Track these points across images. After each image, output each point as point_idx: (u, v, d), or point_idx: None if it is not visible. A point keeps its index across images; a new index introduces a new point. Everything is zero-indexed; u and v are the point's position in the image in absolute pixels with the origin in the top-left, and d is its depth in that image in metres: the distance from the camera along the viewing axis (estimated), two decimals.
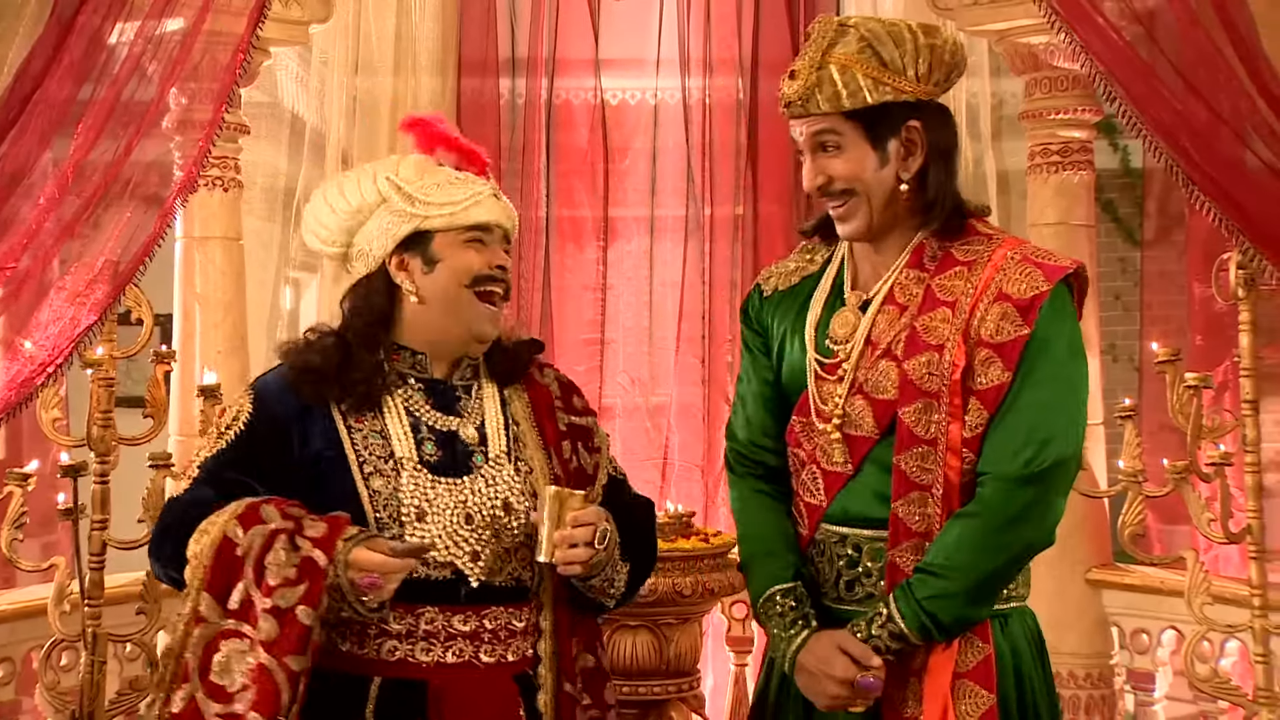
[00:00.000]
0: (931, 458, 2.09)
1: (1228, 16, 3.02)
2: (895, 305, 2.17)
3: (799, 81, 2.15)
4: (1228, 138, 3.05)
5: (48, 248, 2.98)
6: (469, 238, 2.17)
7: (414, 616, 2.08)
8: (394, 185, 2.18)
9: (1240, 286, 3.25)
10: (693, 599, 3.43)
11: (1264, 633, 3.25)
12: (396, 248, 2.17)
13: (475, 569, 2.11)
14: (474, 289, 2.16)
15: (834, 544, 2.17)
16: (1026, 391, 2.07)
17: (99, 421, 3.19)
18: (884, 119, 2.14)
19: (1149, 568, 3.79)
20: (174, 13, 3.14)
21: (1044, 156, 4.18)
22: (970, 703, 2.08)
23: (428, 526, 2.10)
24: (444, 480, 2.13)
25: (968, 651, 2.10)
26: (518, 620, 2.15)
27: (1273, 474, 3.83)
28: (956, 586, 2.05)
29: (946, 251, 2.18)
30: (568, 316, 4.61)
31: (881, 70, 2.12)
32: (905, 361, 2.12)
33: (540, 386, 2.29)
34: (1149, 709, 4.02)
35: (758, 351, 2.31)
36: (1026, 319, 2.09)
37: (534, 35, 4.60)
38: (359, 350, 2.15)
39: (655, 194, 4.66)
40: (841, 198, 2.18)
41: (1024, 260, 2.14)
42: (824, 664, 2.08)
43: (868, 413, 2.14)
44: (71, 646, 3.24)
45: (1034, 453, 2.06)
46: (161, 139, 3.53)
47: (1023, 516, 2.07)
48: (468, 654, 2.10)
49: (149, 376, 3.32)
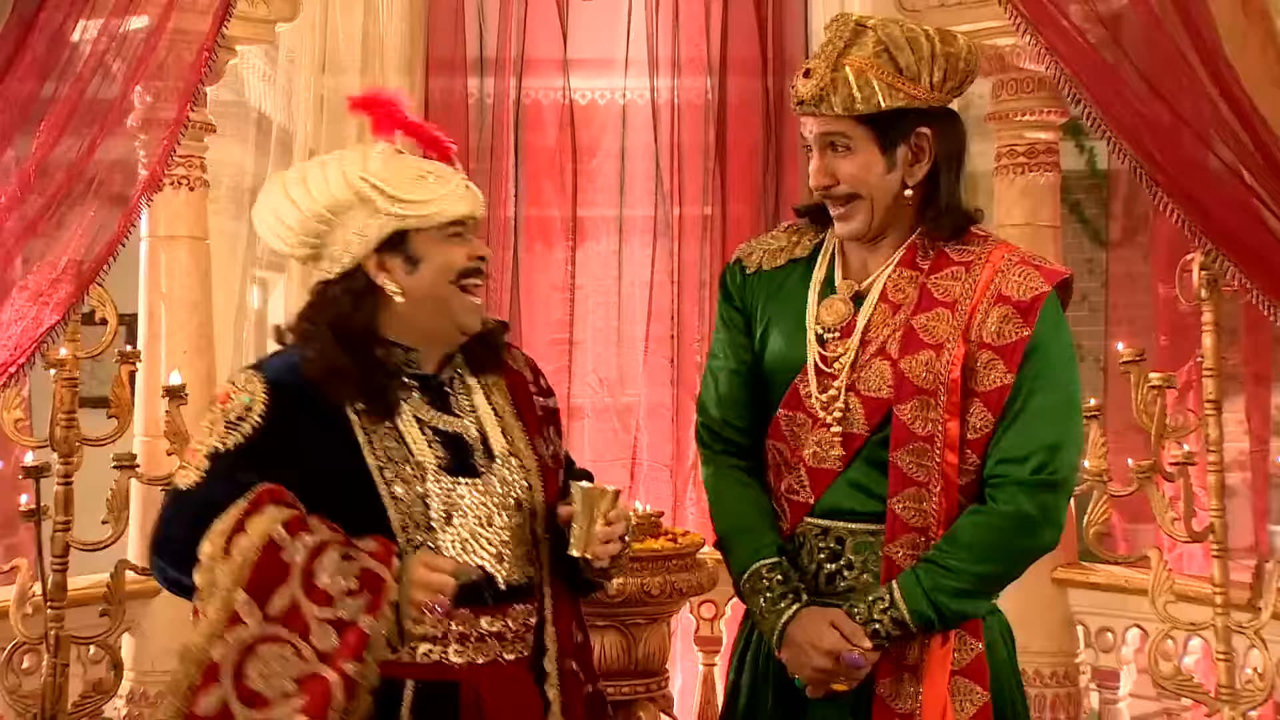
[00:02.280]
0: (928, 454, 2.11)
1: (1191, 20, 3.05)
2: (888, 303, 2.18)
3: (814, 80, 2.14)
4: (1190, 140, 3.08)
5: (10, 246, 2.96)
6: (450, 233, 2.12)
7: (447, 619, 2.07)
8: (370, 184, 2.08)
9: (1203, 287, 3.28)
10: (661, 599, 3.43)
11: (1226, 631, 3.28)
12: (378, 248, 2.09)
13: (502, 569, 2.11)
14: (458, 283, 2.13)
15: (815, 537, 2.19)
16: (1034, 397, 2.10)
17: (62, 422, 3.17)
18: (895, 124, 2.15)
19: (1114, 566, 3.82)
20: (138, 10, 3.12)
21: (1010, 158, 4.21)
22: (966, 699, 2.12)
23: (456, 529, 2.08)
24: (465, 482, 2.11)
25: (961, 649, 2.14)
26: (532, 617, 2.16)
27: (1235, 473, 3.86)
28: (964, 583, 2.09)
29: (940, 251, 2.19)
30: (536, 317, 4.60)
31: (897, 76, 2.12)
32: (901, 360, 2.13)
33: (515, 372, 2.27)
34: (1113, 707, 4.05)
35: (735, 329, 2.29)
36: (1027, 320, 2.12)
37: (502, 35, 4.59)
38: (368, 350, 2.09)
39: (624, 194, 4.65)
40: (844, 200, 2.18)
41: (1021, 263, 2.18)
42: (814, 636, 2.09)
43: (860, 410, 2.16)
44: (34, 649, 3.21)
45: (1045, 459, 2.09)
46: (126, 137, 3.50)
47: (1038, 521, 2.11)
48: (494, 653, 2.10)
49: (113, 377, 3.30)
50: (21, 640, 3.17)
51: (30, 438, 3.20)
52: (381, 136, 2.19)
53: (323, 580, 1.92)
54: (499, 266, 4.55)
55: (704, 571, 3.54)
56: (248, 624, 1.89)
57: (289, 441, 2.04)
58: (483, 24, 4.60)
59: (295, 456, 2.04)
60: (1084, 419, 3.33)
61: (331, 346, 2.08)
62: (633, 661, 3.47)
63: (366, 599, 1.92)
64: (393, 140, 2.20)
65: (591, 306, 4.63)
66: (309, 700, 1.88)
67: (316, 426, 2.06)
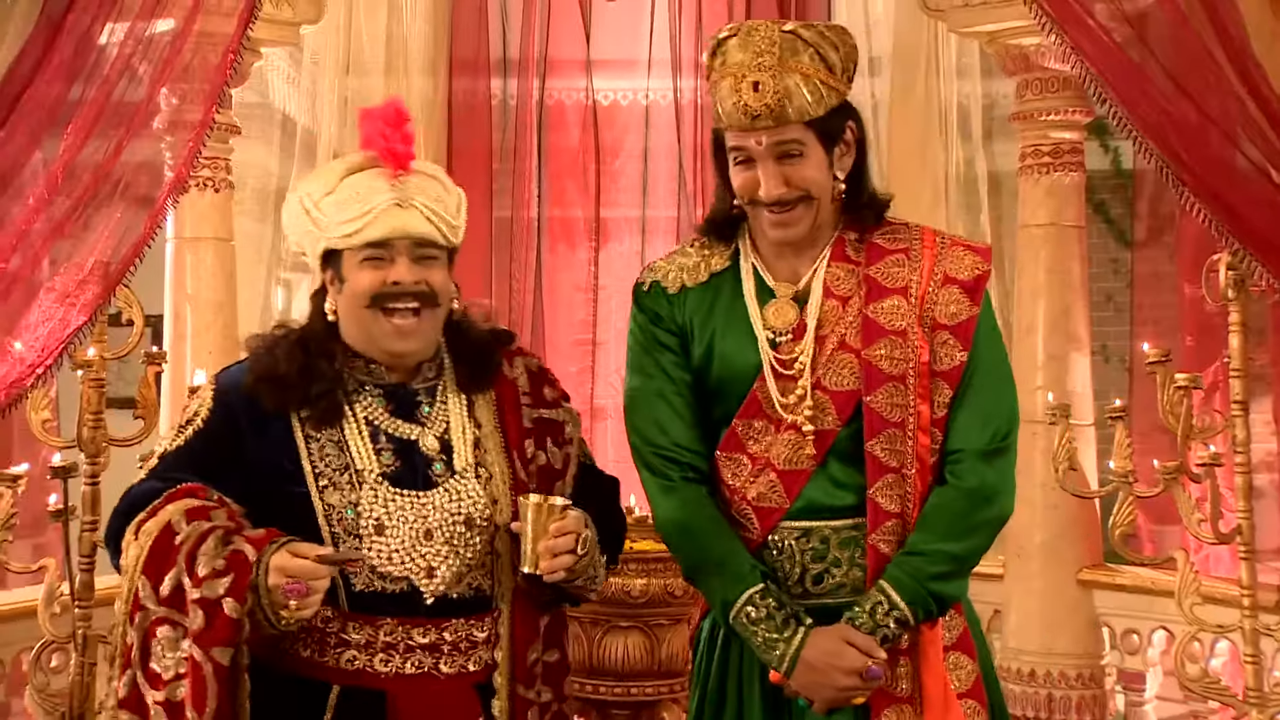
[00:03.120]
0: (900, 439, 2.14)
1: (1218, 18, 3.03)
2: (834, 298, 2.20)
3: (765, 94, 2.13)
4: (1217, 139, 3.06)
5: (37, 248, 2.97)
6: (364, 256, 2.11)
7: (373, 627, 2.07)
8: (304, 207, 2.16)
9: (1230, 287, 3.25)
10: (684, 600, 3.43)
11: (1254, 633, 3.25)
12: (321, 264, 2.17)
13: (430, 584, 2.10)
14: (374, 308, 2.11)
15: (796, 540, 2.17)
16: (981, 370, 2.18)
17: (89, 423, 3.18)
18: (833, 123, 2.18)
19: (1140, 568, 3.81)
20: (164, 13, 3.13)
21: (1035, 158, 4.19)
22: (961, 672, 2.17)
23: (386, 540, 2.08)
24: (406, 494, 2.11)
25: (949, 626, 2.18)
26: (479, 631, 2.13)
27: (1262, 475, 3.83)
28: (947, 566, 2.12)
29: (870, 242, 2.23)
30: (559, 317, 4.61)
31: (829, 75, 2.16)
32: (865, 350, 2.16)
33: (508, 382, 2.24)
34: (1139, 709, 4.03)
35: (669, 351, 2.25)
36: (974, 299, 2.20)
37: (525, 35, 4.60)
38: (318, 359, 2.13)
39: (647, 194, 4.66)
40: (797, 204, 2.18)
41: (954, 244, 2.26)
42: (833, 657, 2.08)
43: (829, 406, 2.17)
44: (62, 648, 3.23)
45: (998, 427, 2.17)
46: (152, 139, 3.51)
47: (997, 488, 2.17)
48: (427, 665, 2.09)
49: (140, 377, 3.31)
50: (49, 639, 3.18)
51: (58, 438, 3.22)
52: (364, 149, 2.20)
53: (199, 562, 1.96)
54: (522, 267, 4.57)
55: None
56: (146, 606, 1.97)
57: (230, 445, 2.11)
58: (506, 25, 4.62)
59: (235, 459, 2.11)
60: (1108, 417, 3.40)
61: (283, 355, 2.14)
62: (656, 662, 3.47)
63: (230, 581, 1.94)
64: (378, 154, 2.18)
65: (614, 307, 4.64)
66: (191, 685, 1.92)
67: (258, 431, 2.12)
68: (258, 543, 1.97)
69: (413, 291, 2.12)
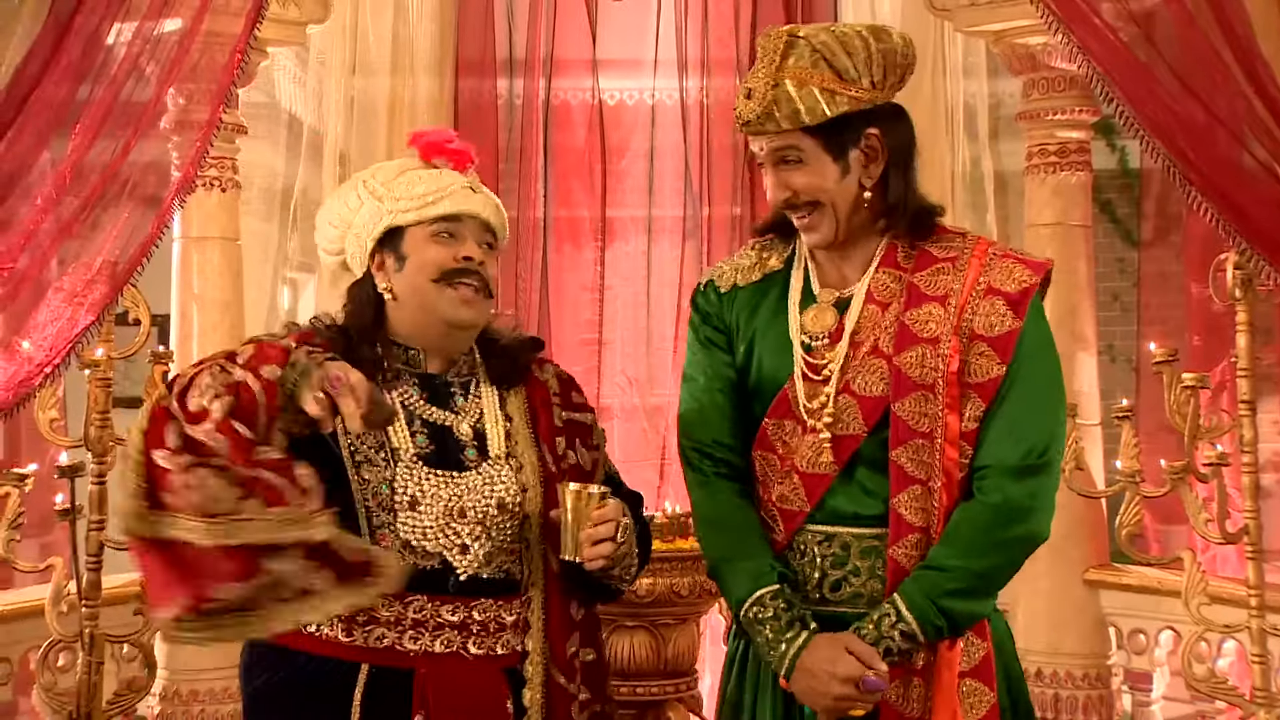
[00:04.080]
0: (928, 451, 2.09)
1: (1225, 17, 3.03)
2: (875, 303, 2.18)
3: (756, 101, 2.13)
4: (1225, 138, 3.06)
5: (45, 248, 2.98)
6: (436, 230, 2.16)
7: (402, 605, 2.09)
8: (369, 189, 2.20)
9: (1237, 287, 3.25)
10: (690, 599, 3.43)
11: (1261, 633, 3.25)
12: (375, 248, 2.19)
13: (463, 561, 2.12)
14: (441, 282, 2.15)
15: (818, 544, 2.16)
16: (1020, 385, 2.10)
17: (96, 422, 3.19)
18: (843, 130, 2.14)
19: (1146, 568, 3.80)
20: (171, 13, 3.14)
21: (1042, 157, 4.18)
22: (975, 700, 2.10)
23: (420, 515, 2.10)
24: (440, 473, 2.14)
25: (969, 650, 2.12)
26: (507, 613, 2.15)
27: (1270, 474, 3.84)
28: (965, 582, 2.06)
29: (922, 250, 2.19)
30: (565, 317, 4.61)
31: (837, 81, 2.12)
32: (896, 356, 2.12)
33: (538, 383, 2.29)
34: (1146, 709, 4.02)
35: (716, 349, 2.27)
36: (1018, 312, 2.12)
37: (531, 35, 4.60)
38: (360, 345, 2.16)
39: (653, 194, 4.66)
40: (806, 209, 2.17)
41: (1006, 256, 2.18)
42: (829, 664, 2.05)
43: (855, 410, 2.13)
44: (69, 647, 3.24)
45: (1033, 445, 2.09)
46: (159, 139, 3.52)
47: (1026, 507, 2.09)
48: (456, 644, 2.11)
49: (146, 377, 3.32)
50: (57, 638, 3.19)
51: (65, 437, 3.23)
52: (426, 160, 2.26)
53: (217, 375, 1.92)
54: (528, 267, 4.56)
55: None
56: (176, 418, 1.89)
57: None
58: (512, 25, 4.62)
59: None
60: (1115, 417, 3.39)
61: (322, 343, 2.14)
62: (662, 661, 3.48)
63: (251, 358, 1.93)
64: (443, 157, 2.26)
65: (620, 307, 4.64)
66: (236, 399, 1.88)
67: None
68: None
69: (479, 271, 2.17)
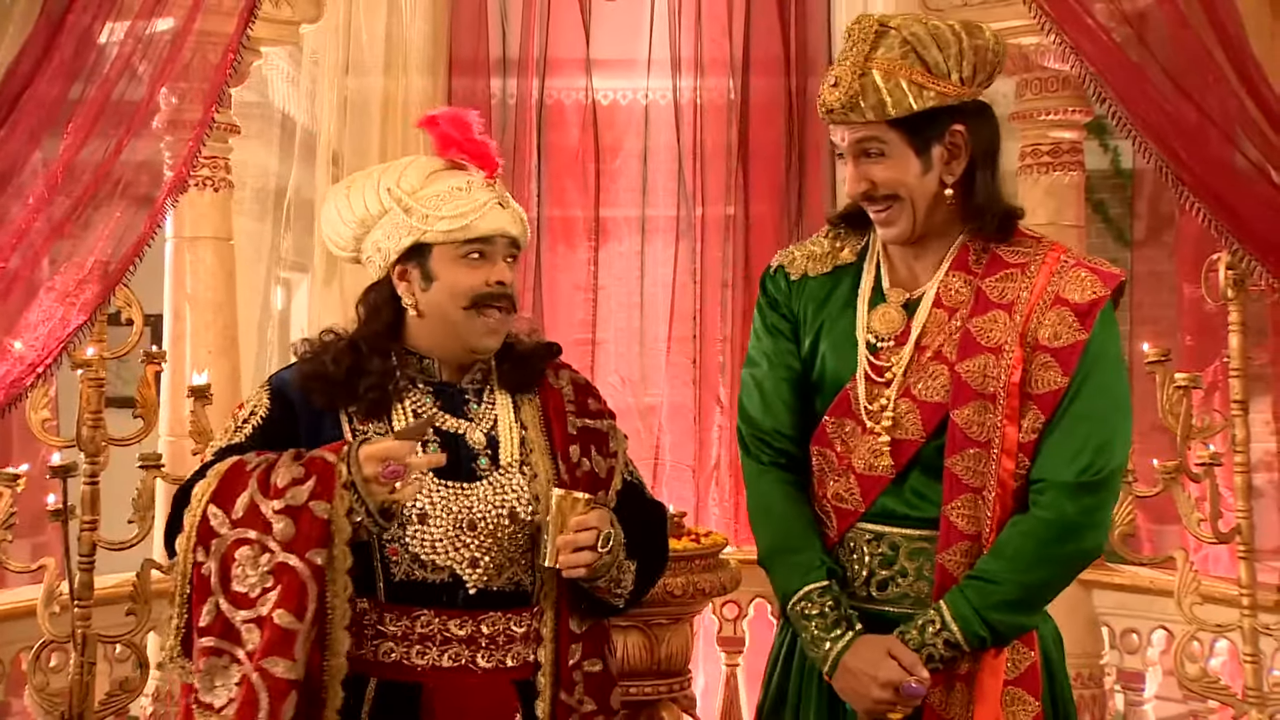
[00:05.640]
0: (984, 460, 2.06)
1: (1217, 18, 3.03)
2: (943, 308, 2.14)
3: (841, 89, 2.08)
4: (1217, 139, 3.06)
5: (37, 247, 2.98)
6: (467, 251, 2.13)
7: (410, 619, 2.08)
8: (394, 196, 2.15)
9: (1229, 287, 3.26)
10: (684, 599, 3.43)
11: (1253, 632, 3.26)
12: (399, 258, 2.16)
13: (473, 575, 2.11)
14: (472, 309, 2.14)
15: (867, 542, 2.14)
16: (1083, 398, 2.06)
17: (89, 422, 3.18)
18: (928, 124, 2.10)
19: (1139, 568, 3.80)
20: (164, 12, 3.13)
21: (1034, 157, 4.19)
22: (1018, 709, 2.08)
23: (429, 529, 2.09)
24: (450, 485, 2.12)
25: (1015, 658, 2.10)
26: (517, 625, 2.14)
27: (1262, 474, 3.84)
28: (1013, 595, 2.04)
29: (993, 254, 2.15)
30: (559, 317, 4.60)
31: (926, 75, 2.08)
32: (959, 364, 2.09)
33: (553, 390, 2.27)
34: (1139, 709, 4.03)
35: (782, 336, 2.24)
36: (1085, 324, 2.08)
37: (525, 35, 4.59)
38: (370, 356, 2.15)
39: (646, 194, 4.65)
40: (885, 203, 2.14)
41: (1078, 265, 2.14)
42: (871, 666, 2.04)
43: (915, 415, 2.11)
44: (61, 648, 3.23)
45: (1090, 460, 2.05)
46: (152, 139, 3.52)
47: (1080, 524, 2.06)
48: (464, 658, 2.10)
49: (139, 377, 3.31)
50: (49, 639, 3.18)
51: (57, 438, 3.22)
52: (442, 155, 2.22)
53: (276, 476, 1.97)
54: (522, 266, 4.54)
55: (727, 572, 3.53)
56: (220, 532, 1.97)
57: (286, 439, 2.12)
58: (506, 24, 4.61)
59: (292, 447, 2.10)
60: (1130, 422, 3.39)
61: (332, 358, 2.15)
62: (655, 662, 3.47)
63: (314, 485, 1.95)
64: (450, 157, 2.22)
65: (614, 307, 4.63)
66: (283, 590, 1.92)
67: (312, 430, 2.13)
68: (333, 448, 2.00)
69: (506, 293, 2.16)
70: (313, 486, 1.95)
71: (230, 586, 1.95)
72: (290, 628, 1.90)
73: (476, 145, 2.21)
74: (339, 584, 1.96)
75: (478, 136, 2.22)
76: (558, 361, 2.32)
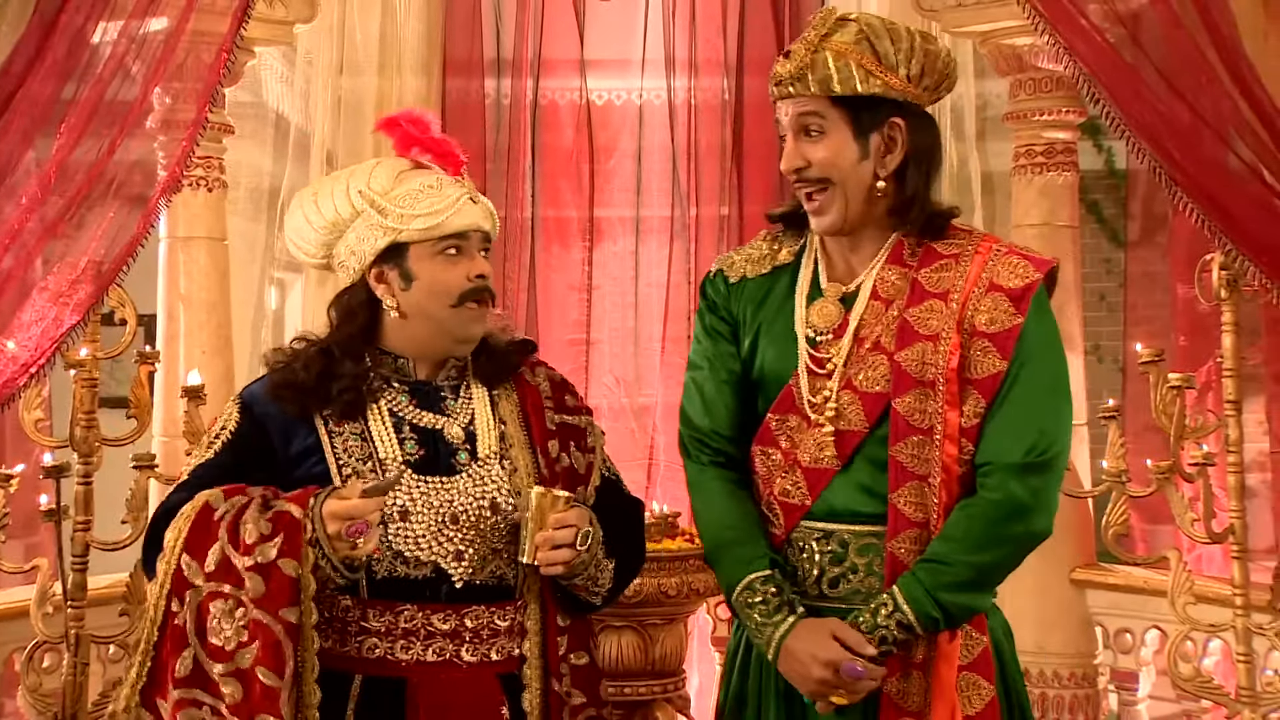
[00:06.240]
0: (928, 446, 2.10)
1: (1210, 19, 3.03)
2: (880, 299, 2.18)
3: (793, 62, 2.16)
4: (1210, 139, 3.06)
5: (30, 247, 2.97)
6: (444, 248, 2.14)
7: (393, 614, 2.09)
8: (366, 198, 2.15)
9: (1223, 287, 3.26)
10: (678, 599, 3.43)
11: (1246, 632, 3.26)
12: (375, 260, 2.16)
13: (458, 568, 2.11)
14: (457, 305, 2.14)
15: (816, 540, 2.17)
16: (1023, 382, 2.11)
17: (82, 422, 3.18)
18: (870, 110, 2.16)
19: (1132, 568, 3.81)
20: (157, 12, 3.13)
21: (1028, 158, 4.19)
22: (973, 695, 2.12)
23: (411, 525, 2.09)
24: (430, 479, 2.13)
25: (968, 644, 2.13)
26: (501, 619, 2.14)
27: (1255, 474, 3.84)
28: (964, 575, 2.08)
29: (927, 247, 2.20)
30: (553, 317, 4.61)
31: (875, 63, 2.14)
32: (898, 353, 2.13)
33: (530, 386, 2.28)
34: (1132, 709, 4.03)
35: (721, 338, 2.29)
36: (1019, 308, 2.13)
37: (519, 35, 4.60)
38: (342, 360, 2.15)
39: (641, 194, 4.66)
40: (817, 185, 2.18)
41: (1010, 253, 2.19)
42: (812, 646, 2.07)
43: (857, 406, 2.14)
44: (54, 648, 3.23)
45: (1035, 441, 2.10)
46: (145, 138, 3.51)
47: (1028, 505, 2.10)
48: (449, 652, 2.10)
49: (132, 377, 3.31)
50: (42, 639, 3.18)
51: (50, 438, 3.22)
52: (404, 155, 2.23)
53: (245, 531, 1.98)
54: (516, 267, 4.56)
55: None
56: (194, 583, 1.98)
57: (259, 453, 2.14)
58: (500, 25, 4.62)
59: (266, 466, 2.13)
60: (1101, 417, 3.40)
61: (302, 364, 2.15)
62: (649, 662, 3.47)
63: (281, 542, 1.96)
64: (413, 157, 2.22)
65: (608, 307, 4.64)
66: (261, 647, 1.93)
67: (286, 439, 2.14)
68: (299, 500, 1.99)
69: (489, 286, 2.18)
70: (280, 544, 1.95)
71: (207, 639, 1.96)
72: (273, 685, 1.92)
73: (439, 143, 2.22)
74: (308, 638, 1.97)
75: (438, 135, 2.23)
76: (534, 359, 2.32)
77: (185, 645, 1.96)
